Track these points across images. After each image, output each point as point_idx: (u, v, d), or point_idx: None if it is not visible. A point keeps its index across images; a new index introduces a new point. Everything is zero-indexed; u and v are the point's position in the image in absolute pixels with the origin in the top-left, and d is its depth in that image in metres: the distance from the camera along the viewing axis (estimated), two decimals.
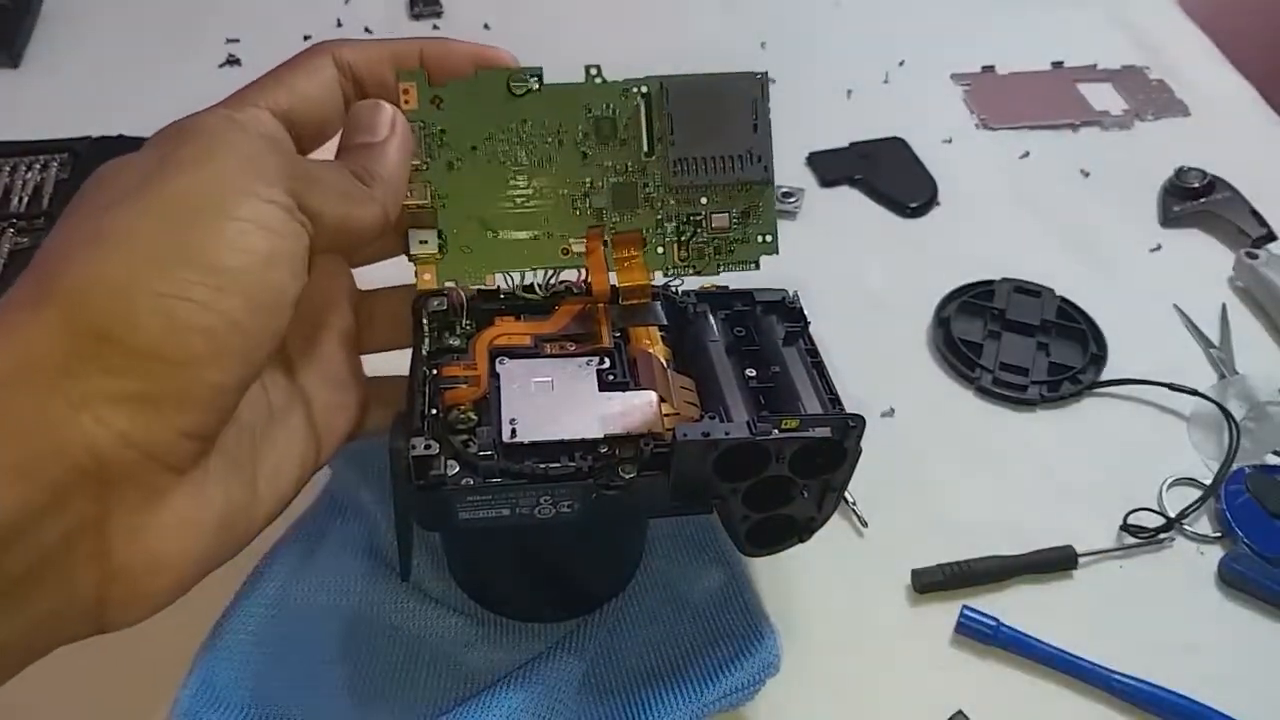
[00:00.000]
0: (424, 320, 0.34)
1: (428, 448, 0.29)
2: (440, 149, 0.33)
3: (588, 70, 0.33)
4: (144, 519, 0.24)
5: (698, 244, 0.35)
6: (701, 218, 0.35)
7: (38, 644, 0.24)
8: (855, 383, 0.37)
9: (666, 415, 0.31)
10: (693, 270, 0.35)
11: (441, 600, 0.39)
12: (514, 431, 0.30)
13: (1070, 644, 0.41)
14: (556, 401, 0.31)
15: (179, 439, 0.24)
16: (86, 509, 0.23)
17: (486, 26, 0.72)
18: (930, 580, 0.43)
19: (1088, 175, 0.65)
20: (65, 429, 0.22)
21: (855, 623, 0.42)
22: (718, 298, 0.36)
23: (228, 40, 0.70)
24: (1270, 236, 0.60)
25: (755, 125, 0.34)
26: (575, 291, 0.35)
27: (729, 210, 0.35)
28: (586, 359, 0.33)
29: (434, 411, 0.31)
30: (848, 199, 0.63)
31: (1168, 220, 0.62)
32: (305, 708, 0.36)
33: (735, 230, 0.35)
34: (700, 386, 0.33)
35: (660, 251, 0.35)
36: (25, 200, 0.56)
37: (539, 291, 0.35)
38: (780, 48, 0.73)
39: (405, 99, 0.32)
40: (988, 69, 0.73)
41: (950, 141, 0.66)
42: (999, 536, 0.44)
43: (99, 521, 0.23)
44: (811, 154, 0.64)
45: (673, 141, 0.33)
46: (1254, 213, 0.61)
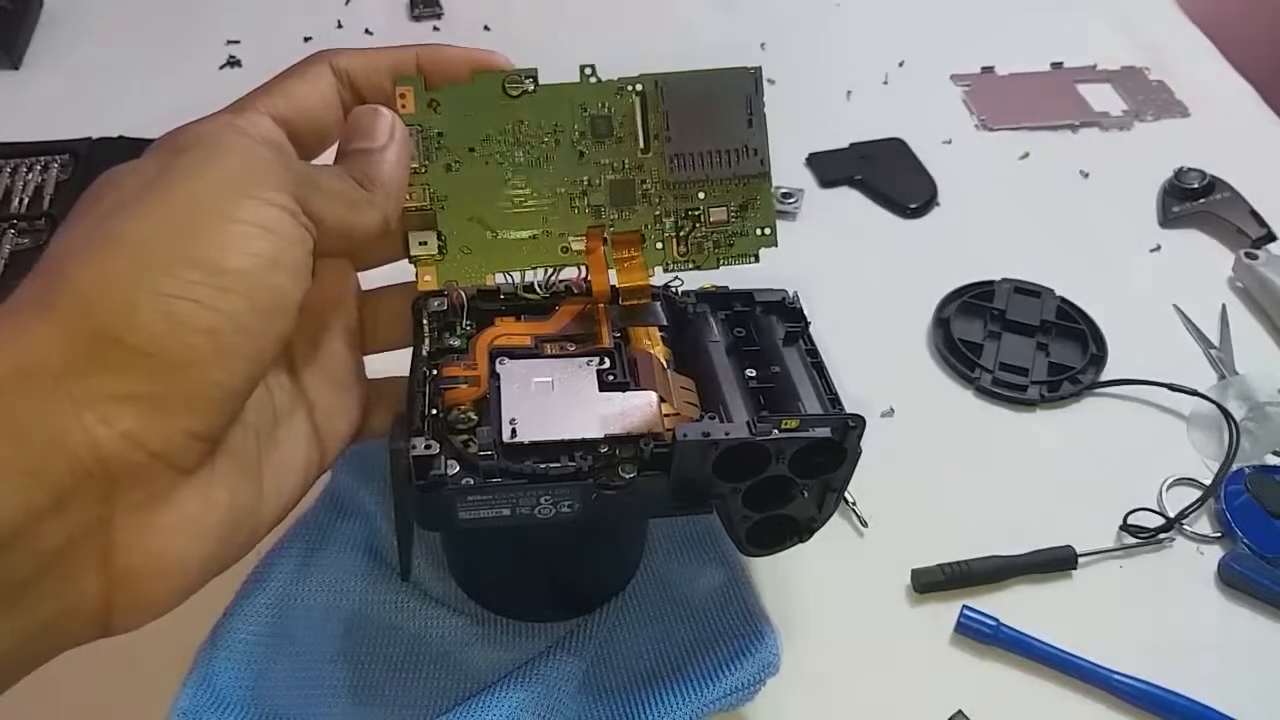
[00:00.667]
0: (424, 320, 0.34)
1: (428, 448, 0.29)
2: (438, 151, 0.33)
3: (582, 70, 0.33)
4: (149, 520, 0.24)
5: (696, 239, 0.35)
6: (699, 212, 0.35)
7: (42, 648, 0.24)
8: (855, 383, 0.37)
9: (666, 415, 0.31)
10: (692, 265, 0.35)
11: (441, 600, 0.39)
12: (514, 431, 0.30)
13: (1070, 644, 0.41)
14: (557, 402, 0.31)
15: (185, 439, 0.24)
16: (90, 511, 0.23)
17: (486, 28, 0.72)
18: (930, 580, 0.43)
19: (1087, 176, 0.65)
20: (68, 429, 0.22)
21: (855, 623, 0.42)
22: (717, 298, 0.36)
23: (228, 41, 0.70)
24: (1270, 237, 0.60)
25: (750, 120, 0.34)
26: (575, 292, 0.35)
27: (727, 204, 0.35)
28: (587, 359, 0.33)
29: (434, 411, 0.31)
30: (847, 199, 0.63)
31: (1167, 221, 0.62)
32: (305, 708, 0.36)
33: (734, 224, 0.35)
34: (700, 387, 0.33)
35: (659, 247, 0.35)
36: (26, 201, 0.56)
37: (539, 291, 0.35)
38: (780, 48, 0.73)
39: (402, 103, 0.32)
40: (987, 70, 0.73)
41: (950, 142, 0.67)
42: (999, 536, 0.44)
43: (103, 523, 0.23)
44: (811, 154, 0.64)
45: (669, 137, 0.34)
46: (1253, 213, 0.61)
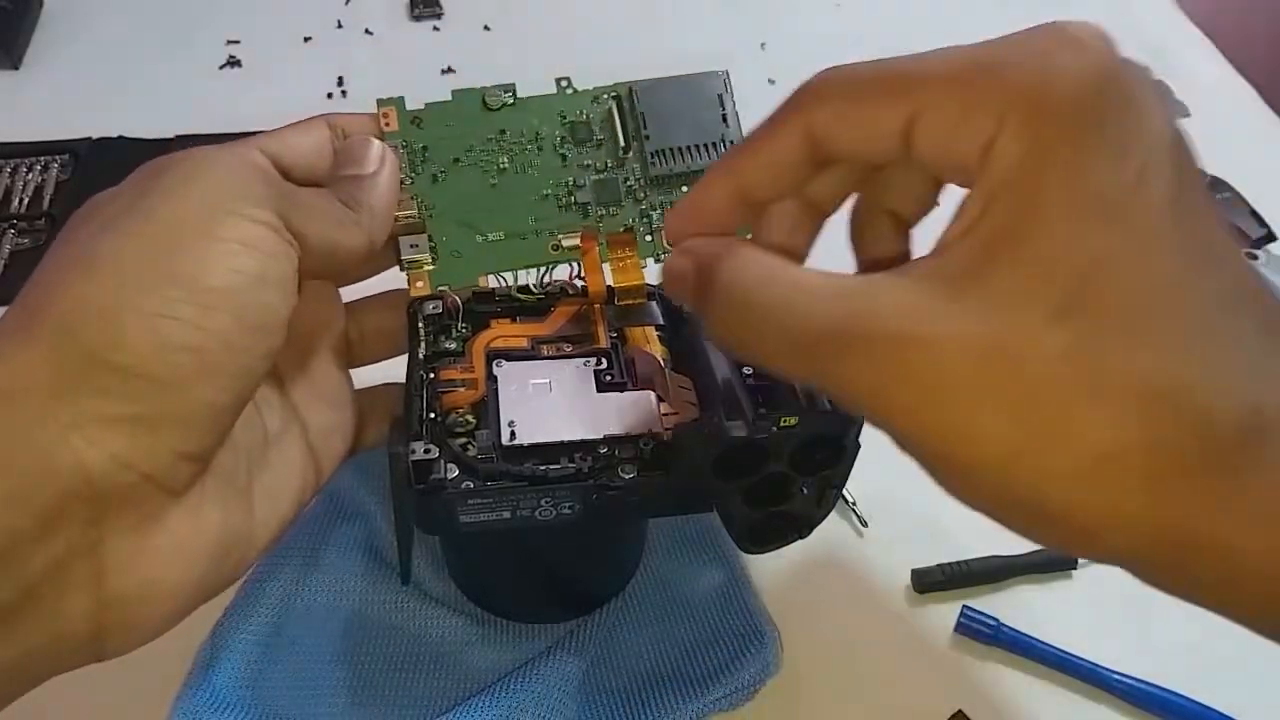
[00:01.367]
0: (420, 324, 0.34)
1: (427, 451, 0.29)
2: (424, 164, 0.33)
3: (558, 82, 0.35)
4: (140, 543, 0.23)
5: None
6: None
7: (31, 673, 0.23)
8: None
9: (665, 415, 0.31)
10: None
11: (441, 600, 0.39)
12: (513, 434, 0.30)
13: (1070, 644, 0.41)
14: (555, 403, 0.31)
15: (175, 459, 0.23)
16: (78, 535, 0.22)
17: (487, 28, 0.72)
18: (930, 580, 0.43)
19: None
20: (55, 452, 0.21)
21: (855, 623, 0.42)
22: None
23: (228, 41, 0.69)
24: (1270, 237, 0.60)
25: (724, 117, 0.35)
26: (571, 292, 0.35)
27: None
28: (584, 360, 0.33)
29: (432, 415, 0.31)
30: (847, 199, 0.63)
31: None
32: (305, 708, 0.36)
33: None
34: (698, 385, 0.33)
35: (649, 239, 0.35)
36: (26, 201, 0.56)
37: (534, 291, 0.35)
38: (780, 48, 0.73)
39: (386, 122, 0.33)
40: None
41: None
42: (999, 536, 0.43)
43: (93, 547, 0.23)
44: None
45: (647, 136, 0.34)
46: (1254, 213, 0.61)
